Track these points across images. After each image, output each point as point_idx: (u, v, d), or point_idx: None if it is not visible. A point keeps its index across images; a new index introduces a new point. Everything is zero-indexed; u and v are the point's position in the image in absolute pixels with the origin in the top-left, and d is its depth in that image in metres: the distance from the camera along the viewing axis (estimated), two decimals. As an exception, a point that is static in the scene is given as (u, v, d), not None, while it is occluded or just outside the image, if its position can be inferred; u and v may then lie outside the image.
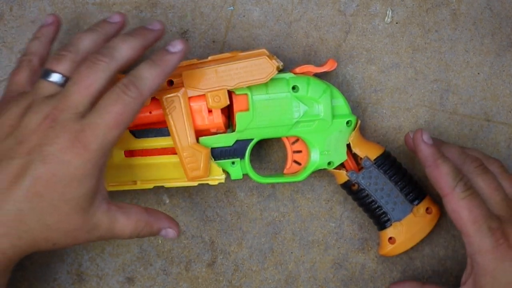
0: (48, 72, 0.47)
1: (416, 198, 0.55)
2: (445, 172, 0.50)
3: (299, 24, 0.58)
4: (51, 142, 0.44)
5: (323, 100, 0.53)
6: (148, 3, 0.58)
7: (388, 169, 0.55)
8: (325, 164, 0.55)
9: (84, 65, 0.46)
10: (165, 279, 0.58)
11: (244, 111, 0.53)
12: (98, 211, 0.47)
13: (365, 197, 0.55)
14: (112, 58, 0.47)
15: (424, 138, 0.52)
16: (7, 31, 0.58)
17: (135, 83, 0.46)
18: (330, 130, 0.54)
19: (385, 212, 0.55)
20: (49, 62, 0.48)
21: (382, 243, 0.56)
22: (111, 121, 0.45)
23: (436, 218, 0.56)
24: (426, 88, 0.59)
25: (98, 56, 0.46)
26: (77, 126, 0.44)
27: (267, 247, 0.59)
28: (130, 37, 0.48)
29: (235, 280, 0.59)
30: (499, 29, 0.59)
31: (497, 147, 0.59)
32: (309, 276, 0.59)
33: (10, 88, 0.50)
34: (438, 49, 0.59)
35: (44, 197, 0.44)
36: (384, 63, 0.59)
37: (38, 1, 0.58)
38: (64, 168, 0.44)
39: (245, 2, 0.58)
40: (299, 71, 0.54)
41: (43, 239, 0.45)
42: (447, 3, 0.59)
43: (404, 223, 0.55)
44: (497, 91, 0.59)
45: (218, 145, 0.53)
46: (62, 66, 0.47)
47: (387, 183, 0.55)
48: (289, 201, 0.59)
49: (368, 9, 0.58)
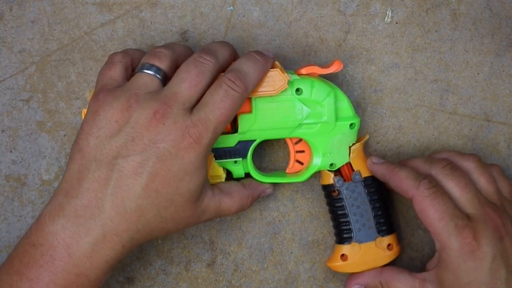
0: (148, 65, 0.48)
1: (383, 230, 0.55)
2: (404, 176, 0.51)
3: (299, 24, 0.58)
4: (164, 138, 0.46)
5: (327, 103, 0.53)
6: (148, 3, 0.58)
7: (373, 192, 0.55)
8: (328, 166, 0.55)
9: (192, 64, 0.47)
10: (165, 279, 0.58)
11: (246, 113, 0.53)
12: (205, 198, 0.49)
13: (340, 207, 0.55)
14: (217, 60, 0.48)
15: (374, 160, 0.54)
16: (7, 31, 0.58)
17: (241, 78, 0.48)
18: (333, 132, 0.54)
19: (351, 230, 0.55)
20: (147, 58, 0.49)
21: (333, 255, 0.56)
22: (221, 116, 0.47)
23: (393, 257, 0.56)
24: (426, 88, 0.59)
25: (205, 56, 0.48)
26: (188, 122, 0.46)
27: (267, 247, 0.59)
28: (253, 58, 0.50)
29: (235, 280, 0.59)
30: (499, 29, 0.59)
31: (497, 147, 0.59)
32: (309, 276, 0.59)
33: (104, 83, 0.49)
34: (438, 49, 0.59)
35: (161, 192, 0.46)
36: (384, 63, 0.59)
37: (38, 1, 0.58)
38: (178, 163, 0.46)
39: (245, 2, 0.58)
40: (304, 72, 0.53)
41: (159, 230, 0.48)
42: (447, 3, 0.59)
43: (362, 247, 0.55)
44: (497, 91, 0.59)
45: (221, 146, 0.53)
46: (160, 61, 0.48)
47: (365, 204, 0.55)
48: (289, 201, 0.59)
49: (368, 9, 0.58)
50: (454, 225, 0.49)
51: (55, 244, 0.46)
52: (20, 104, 0.58)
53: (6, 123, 0.58)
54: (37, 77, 0.58)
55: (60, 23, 0.58)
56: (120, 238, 0.46)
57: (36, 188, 0.58)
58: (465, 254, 0.49)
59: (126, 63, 0.50)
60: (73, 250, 0.46)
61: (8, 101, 0.58)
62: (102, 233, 0.46)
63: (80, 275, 0.46)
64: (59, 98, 0.58)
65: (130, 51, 0.52)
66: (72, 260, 0.46)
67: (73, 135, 0.58)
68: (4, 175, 0.58)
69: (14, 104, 0.58)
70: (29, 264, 0.46)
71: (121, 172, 0.46)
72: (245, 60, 0.49)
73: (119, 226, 0.46)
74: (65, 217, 0.46)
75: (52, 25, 0.58)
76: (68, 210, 0.46)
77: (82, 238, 0.46)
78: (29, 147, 0.58)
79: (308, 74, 0.53)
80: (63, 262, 0.46)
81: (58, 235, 0.46)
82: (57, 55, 0.58)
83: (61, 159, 0.58)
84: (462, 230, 0.49)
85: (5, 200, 0.58)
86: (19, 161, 0.58)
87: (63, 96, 0.58)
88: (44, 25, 0.58)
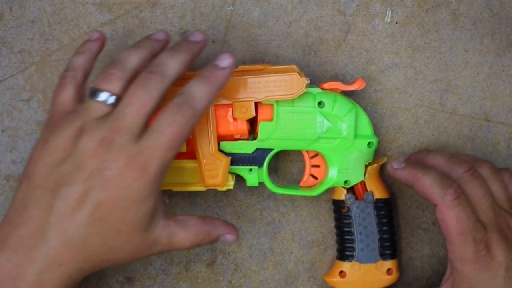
0: (97, 91, 0.46)
1: (386, 254, 0.55)
2: (429, 183, 0.50)
3: (299, 24, 0.58)
4: (109, 166, 0.44)
5: (348, 119, 0.53)
6: (148, 3, 0.58)
7: (382, 215, 0.55)
8: (342, 182, 0.55)
9: (137, 85, 0.46)
10: (165, 279, 0.58)
11: (268, 121, 0.53)
12: (157, 228, 0.47)
13: (347, 224, 0.55)
14: (164, 76, 0.46)
15: (395, 166, 0.53)
16: (7, 31, 0.58)
17: (188, 102, 0.46)
18: (350, 149, 0.54)
19: (354, 248, 0.55)
20: (97, 81, 0.47)
21: (332, 270, 0.56)
22: (168, 142, 0.45)
23: (391, 282, 0.56)
24: (426, 88, 0.59)
25: (149, 75, 0.46)
26: (135, 149, 0.44)
27: (267, 247, 0.59)
28: (177, 53, 0.48)
29: (235, 280, 0.59)
30: (499, 29, 0.59)
31: (496, 147, 0.59)
32: (309, 276, 0.59)
33: (56, 107, 0.48)
34: (437, 49, 0.59)
35: (106, 222, 0.44)
36: (384, 63, 0.59)
37: (38, 1, 0.58)
38: (124, 192, 0.44)
39: (245, 2, 0.58)
40: (327, 87, 0.53)
41: (106, 261, 0.46)
42: (447, 3, 0.59)
43: (362, 267, 0.55)
44: (497, 91, 0.59)
45: (238, 152, 0.53)
46: (111, 85, 0.46)
47: (372, 226, 0.55)
48: (289, 201, 0.59)
49: (368, 9, 0.58)
50: (472, 239, 0.49)
51: (1, 277, 0.44)
52: (20, 104, 0.58)
53: (6, 123, 0.58)
54: (37, 77, 0.58)
55: (60, 23, 0.58)
56: (66, 268, 0.45)
57: (36, 188, 0.58)
58: (480, 265, 0.49)
59: (77, 82, 0.49)
60: (19, 283, 0.44)
61: (8, 101, 0.58)
62: (46, 263, 0.44)
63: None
64: (59, 98, 0.58)
65: (77, 63, 0.50)
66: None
67: (73, 135, 0.58)
68: (4, 175, 0.58)
69: (14, 104, 0.58)
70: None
71: (64, 200, 0.44)
72: (194, 83, 0.47)
73: (62, 256, 0.44)
74: (10, 248, 0.44)
75: (52, 25, 0.58)
76: (12, 241, 0.44)
77: (27, 269, 0.44)
78: (29, 147, 0.58)
79: (330, 89, 0.53)
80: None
81: (3, 267, 0.44)
82: (57, 55, 0.58)
83: (61, 159, 0.58)
84: (479, 243, 0.49)
85: (5, 200, 0.58)
86: (19, 161, 0.58)
87: (63, 96, 0.58)
88: (44, 25, 0.58)
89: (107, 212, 0.44)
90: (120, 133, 0.44)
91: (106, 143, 0.44)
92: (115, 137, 0.44)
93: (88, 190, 0.44)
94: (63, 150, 0.45)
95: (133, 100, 0.45)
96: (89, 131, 0.45)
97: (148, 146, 0.44)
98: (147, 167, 0.44)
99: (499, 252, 0.49)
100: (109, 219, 0.44)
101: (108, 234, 0.45)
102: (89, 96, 0.46)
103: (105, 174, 0.44)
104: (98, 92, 0.46)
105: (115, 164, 0.44)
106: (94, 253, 0.45)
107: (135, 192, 0.44)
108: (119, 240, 0.45)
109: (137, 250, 0.47)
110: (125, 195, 0.44)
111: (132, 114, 0.45)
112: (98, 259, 0.46)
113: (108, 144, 0.44)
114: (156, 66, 0.47)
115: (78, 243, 0.44)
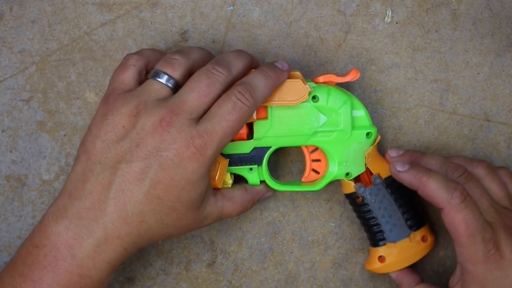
0: (160, 73, 0.48)
1: (415, 225, 0.55)
2: (435, 187, 0.49)
3: (299, 24, 0.58)
4: (168, 147, 0.46)
5: (343, 111, 0.53)
6: (148, 3, 0.58)
7: (396, 191, 0.55)
8: (343, 175, 0.54)
9: (203, 74, 0.48)
10: (165, 279, 0.58)
11: (262, 119, 0.53)
12: (208, 205, 0.50)
13: (367, 212, 0.55)
14: (229, 72, 0.48)
15: (399, 168, 0.52)
16: (7, 31, 0.58)
17: (251, 92, 0.48)
18: (349, 141, 0.54)
19: (382, 231, 0.55)
20: (160, 65, 0.49)
21: (371, 259, 0.56)
22: (227, 129, 0.47)
23: (430, 247, 0.56)
24: (426, 88, 0.59)
25: (217, 68, 0.48)
26: (193, 132, 0.46)
27: (267, 247, 0.59)
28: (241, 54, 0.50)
29: (235, 280, 0.59)
30: (499, 29, 0.59)
31: (497, 147, 0.59)
32: (309, 276, 0.59)
33: (115, 86, 0.49)
34: (438, 49, 0.59)
35: (163, 200, 0.46)
36: (384, 63, 0.59)
37: (38, 1, 0.58)
38: (180, 173, 0.46)
39: (245, 2, 0.58)
40: (321, 80, 0.53)
41: (160, 235, 0.48)
42: (447, 3, 0.59)
43: (397, 246, 0.55)
44: (497, 91, 0.59)
45: (236, 152, 0.53)
46: (173, 69, 0.48)
47: (391, 204, 0.54)
48: (289, 201, 0.59)
49: (368, 9, 0.58)
50: (482, 239, 0.48)
51: (58, 245, 0.46)
52: (20, 104, 0.58)
53: (6, 123, 0.58)
54: (37, 77, 0.58)
55: (60, 23, 0.58)
56: (122, 241, 0.47)
57: (36, 188, 0.58)
58: (491, 264, 0.49)
59: (140, 67, 0.50)
60: (76, 251, 0.46)
61: (8, 101, 0.58)
62: (104, 235, 0.46)
63: (83, 276, 0.46)
64: (59, 98, 0.58)
65: (146, 52, 0.51)
66: (75, 261, 0.46)
67: (73, 135, 0.58)
68: (4, 175, 0.58)
69: (14, 104, 0.58)
70: (32, 265, 0.46)
71: (123, 177, 0.46)
72: (257, 74, 0.49)
73: (121, 229, 0.46)
74: (68, 219, 0.46)
75: (52, 25, 0.58)
76: (71, 212, 0.46)
77: (85, 239, 0.46)
78: (29, 147, 0.58)
79: (325, 82, 0.53)
80: (66, 263, 0.46)
81: (61, 236, 0.46)
82: (57, 55, 0.58)
83: (61, 159, 0.58)
84: (488, 243, 0.49)
85: (5, 200, 0.58)
86: (19, 161, 0.58)
87: (63, 96, 0.58)
88: (44, 25, 0.58)
89: (163, 190, 0.46)
90: (179, 116, 0.46)
91: (165, 124, 0.46)
92: (175, 119, 0.46)
93: (146, 168, 0.46)
94: (122, 127, 0.47)
95: (197, 87, 0.47)
96: (149, 110, 0.46)
97: (207, 129, 0.46)
98: (205, 151, 0.46)
99: (508, 250, 0.49)
100: (165, 197, 0.46)
101: (163, 212, 0.47)
102: (151, 76, 0.48)
103: (163, 155, 0.46)
104: (161, 74, 0.48)
105: (173, 145, 0.46)
106: (149, 228, 0.47)
107: (191, 174, 0.46)
108: (173, 217, 0.47)
109: (188, 226, 0.49)
110: (182, 175, 0.46)
111: (193, 99, 0.47)
112: (152, 234, 0.48)
113: (167, 125, 0.46)
114: (223, 61, 0.49)
115: (135, 219, 0.46)
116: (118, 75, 0.50)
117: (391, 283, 0.59)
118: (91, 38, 0.58)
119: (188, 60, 0.49)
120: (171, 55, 0.49)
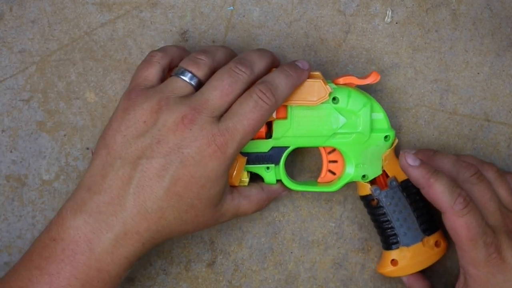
0: (185, 71, 0.48)
1: (428, 229, 0.55)
2: (440, 191, 0.49)
3: (299, 24, 0.58)
4: (189, 144, 0.46)
5: (363, 113, 0.53)
6: (148, 3, 0.58)
7: (411, 194, 0.54)
8: (360, 177, 0.54)
9: (225, 73, 0.48)
10: (165, 279, 0.58)
11: (282, 119, 0.53)
12: (225, 203, 0.50)
13: (381, 215, 0.55)
14: (252, 72, 0.49)
15: (410, 162, 0.51)
16: (7, 31, 0.58)
17: (272, 90, 0.48)
18: (367, 143, 0.54)
19: (396, 235, 0.55)
20: (186, 63, 0.49)
21: (383, 262, 0.56)
22: (248, 127, 0.47)
23: (443, 252, 0.56)
24: (426, 88, 0.59)
25: (239, 67, 0.48)
26: (215, 130, 0.46)
27: (267, 247, 0.59)
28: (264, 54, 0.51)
29: (235, 280, 0.59)
30: (499, 29, 0.59)
31: (497, 147, 0.59)
32: (309, 276, 0.59)
33: (138, 81, 0.50)
34: (438, 49, 0.59)
35: (182, 197, 0.47)
36: (384, 63, 0.59)
37: (38, 1, 0.58)
38: (201, 170, 0.46)
39: (245, 2, 0.58)
40: (342, 82, 0.53)
41: (178, 231, 0.49)
42: (447, 3, 0.59)
43: (411, 250, 0.54)
44: (497, 91, 0.59)
45: (254, 151, 0.53)
46: (197, 68, 0.49)
47: (406, 208, 0.54)
48: (289, 201, 0.59)
49: (368, 9, 0.58)
50: (483, 243, 0.48)
51: (76, 239, 0.46)
52: (20, 104, 0.58)
53: (6, 123, 0.58)
54: (37, 77, 0.58)
55: (60, 23, 0.58)
56: (141, 237, 0.47)
57: (36, 188, 0.58)
58: (493, 268, 0.49)
59: (164, 64, 0.50)
60: (94, 245, 0.46)
61: (8, 101, 0.58)
62: (123, 230, 0.46)
63: (101, 270, 0.46)
64: (59, 98, 0.58)
65: (171, 50, 0.51)
66: (94, 255, 0.46)
67: (73, 135, 0.58)
68: (4, 175, 0.58)
69: (14, 104, 0.58)
70: (49, 258, 0.46)
71: (144, 173, 0.46)
72: (278, 73, 0.49)
73: (140, 225, 0.46)
74: (87, 212, 0.46)
75: (52, 25, 0.58)
76: (90, 206, 0.46)
77: (103, 233, 0.46)
78: (29, 147, 0.58)
79: (345, 84, 0.53)
80: (84, 256, 0.46)
81: (80, 230, 0.46)
82: (57, 55, 0.58)
83: (61, 159, 0.58)
84: (490, 246, 0.49)
85: (5, 200, 0.58)
86: (19, 161, 0.58)
87: (63, 96, 0.58)
88: (44, 25, 0.58)
89: (183, 187, 0.46)
90: (201, 113, 0.46)
91: (187, 121, 0.46)
92: (197, 116, 0.46)
93: (167, 164, 0.46)
94: (143, 122, 0.47)
95: (220, 85, 0.47)
96: (170, 107, 0.46)
97: (228, 128, 0.46)
98: (226, 149, 0.46)
99: (510, 254, 0.49)
100: (185, 194, 0.46)
101: (182, 208, 0.47)
102: (175, 73, 0.49)
103: (184, 152, 0.46)
104: (185, 72, 0.48)
105: (194, 143, 0.46)
106: (168, 224, 0.47)
107: (211, 171, 0.47)
108: (192, 214, 0.48)
109: (205, 222, 0.49)
110: (202, 173, 0.46)
111: (216, 98, 0.47)
112: (170, 230, 0.48)
113: (189, 122, 0.46)
114: (246, 60, 0.49)
115: (154, 215, 0.46)
116: (142, 71, 0.50)
117: (391, 283, 0.59)
118: (91, 38, 0.58)
119: (213, 61, 0.50)
120: (197, 54, 0.49)
